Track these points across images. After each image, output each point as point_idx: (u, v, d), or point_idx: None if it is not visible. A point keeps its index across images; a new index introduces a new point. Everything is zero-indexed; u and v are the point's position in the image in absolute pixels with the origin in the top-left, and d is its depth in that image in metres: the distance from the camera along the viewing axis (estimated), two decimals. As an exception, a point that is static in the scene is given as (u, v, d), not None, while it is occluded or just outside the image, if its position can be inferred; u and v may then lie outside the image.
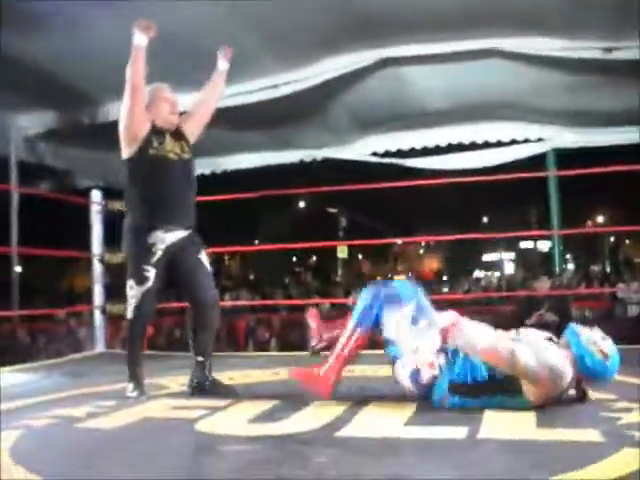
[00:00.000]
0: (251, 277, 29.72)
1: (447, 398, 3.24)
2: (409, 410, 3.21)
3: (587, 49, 5.73)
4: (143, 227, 3.86)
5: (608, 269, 20.20)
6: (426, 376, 3.31)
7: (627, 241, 35.04)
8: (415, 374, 3.33)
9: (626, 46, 5.49)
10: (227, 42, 5.90)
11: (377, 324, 3.48)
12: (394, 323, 3.43)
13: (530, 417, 2.97)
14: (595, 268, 14.97)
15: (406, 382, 3.38)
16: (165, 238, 3.85)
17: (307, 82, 6.51)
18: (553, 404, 3.17)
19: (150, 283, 3.84)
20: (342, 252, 27.19)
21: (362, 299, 3.56)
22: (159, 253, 3.84)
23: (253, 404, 3.51)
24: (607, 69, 5.89)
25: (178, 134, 4.05)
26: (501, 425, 2.86)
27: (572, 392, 3.29)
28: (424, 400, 3.32)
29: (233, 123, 7.37)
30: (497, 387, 3.16)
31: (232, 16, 5.46)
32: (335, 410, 3.24)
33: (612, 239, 33.67)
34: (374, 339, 3.60)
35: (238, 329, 9.23)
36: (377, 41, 5.86)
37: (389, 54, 6.00)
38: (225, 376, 4.34)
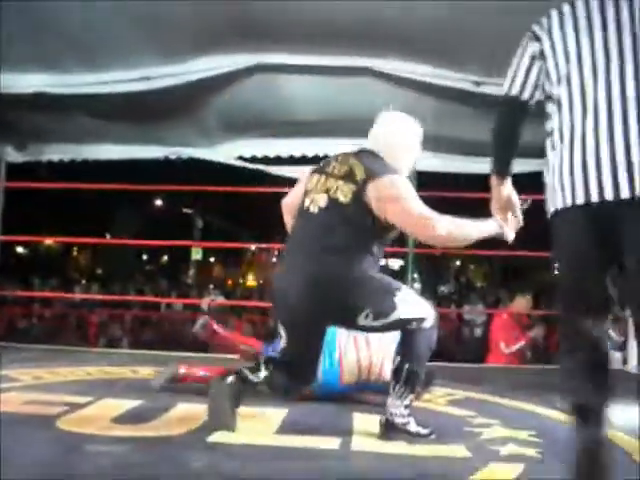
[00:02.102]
0: (99, 271, 28.85)
1: None
2: (278, 419, 3.19)
3: (459, 80, 5.92)
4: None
5: (452, 291, 20.99)
6: None
7: (472, 266, 36.49)
8: None
9: (495, 82, 5.69)
10: (103, 28, 5.76)
11: None
12: None
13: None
14: (444, 290, 15.49)
15: None
16: None
17: (180, 78, 6.37)
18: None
19: None
20: (197, 253, 26.96)
21: None
22: None
23: (116, 402, 3.39)
24: (478, 101, 6.09)
25: None
26: (373, 437, 2.90)
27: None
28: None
29: (100, 111, 7.12)
30: None
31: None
32: (205, 414, 3.15)
33: (458, 263, 34.97)
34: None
35: (89, 324, 8.92)
36: (253, 46, 5.82)
37: (263, 60, 5.97)
38: (83, 371, 4.18)
